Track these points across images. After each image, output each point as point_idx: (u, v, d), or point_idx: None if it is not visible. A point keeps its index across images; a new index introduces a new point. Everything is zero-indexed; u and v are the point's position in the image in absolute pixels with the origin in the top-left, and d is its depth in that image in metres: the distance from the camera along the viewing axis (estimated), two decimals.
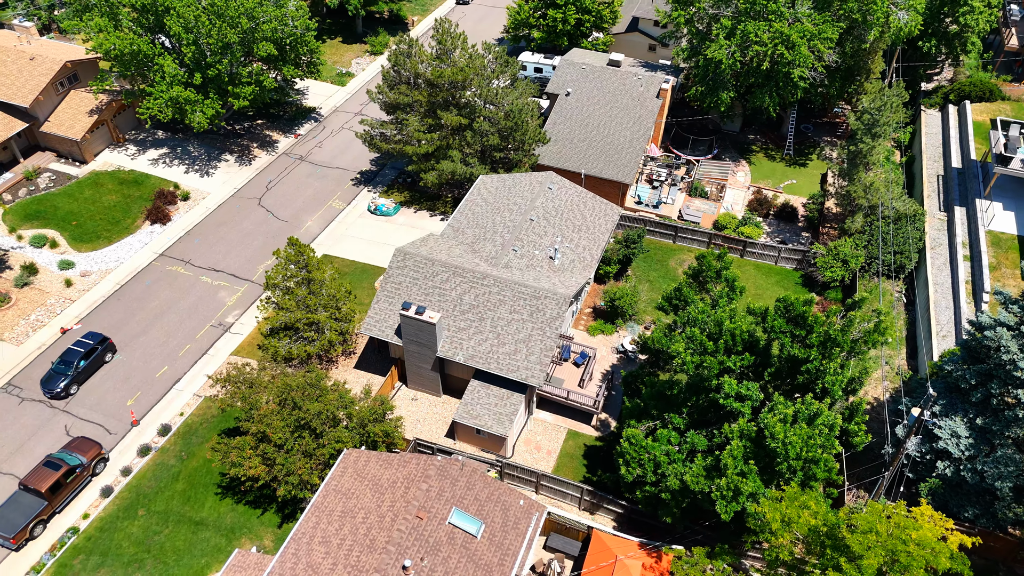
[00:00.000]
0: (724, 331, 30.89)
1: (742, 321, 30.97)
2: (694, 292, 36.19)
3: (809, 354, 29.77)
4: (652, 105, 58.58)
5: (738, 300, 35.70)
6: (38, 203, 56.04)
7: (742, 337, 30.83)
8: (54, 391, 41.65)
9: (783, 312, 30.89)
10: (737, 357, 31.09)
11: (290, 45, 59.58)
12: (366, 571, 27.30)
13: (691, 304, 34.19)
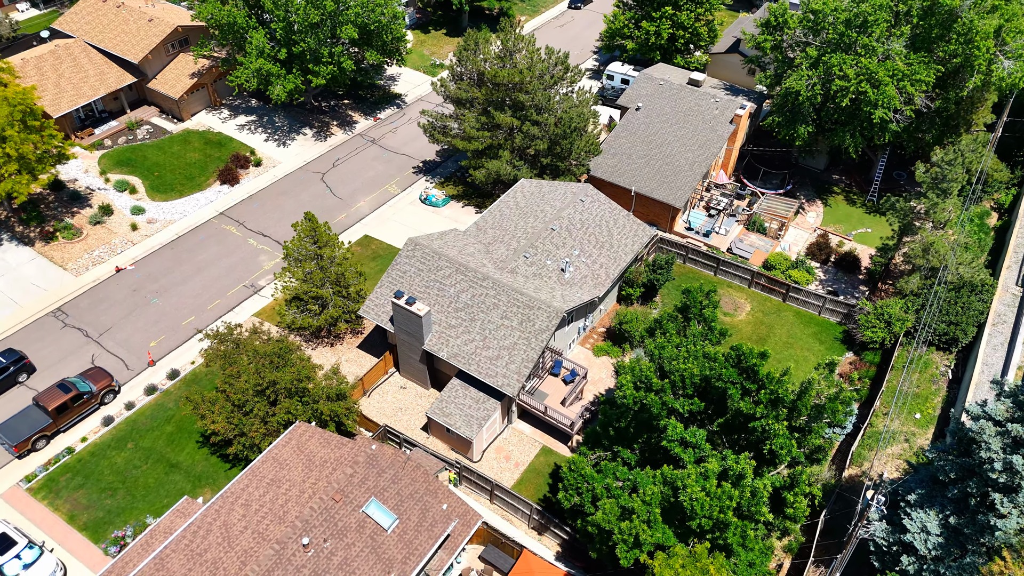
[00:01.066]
0: (673, 370, 29.27)
1: (693, 363, 29.19)
2: (675, 327, 34.47)
3: (755, 411, 27.67)
4: (723, 130, 56.11)
5: (714, 341, 33.61)
6: (131, 151, 61.24)
7: (692, 380, 29.08)
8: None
9: (734, 361, 28.85)
10: (685, 400, 29.39)
11: (375, 31, 61.64)
12: (268, 540, 28.13)
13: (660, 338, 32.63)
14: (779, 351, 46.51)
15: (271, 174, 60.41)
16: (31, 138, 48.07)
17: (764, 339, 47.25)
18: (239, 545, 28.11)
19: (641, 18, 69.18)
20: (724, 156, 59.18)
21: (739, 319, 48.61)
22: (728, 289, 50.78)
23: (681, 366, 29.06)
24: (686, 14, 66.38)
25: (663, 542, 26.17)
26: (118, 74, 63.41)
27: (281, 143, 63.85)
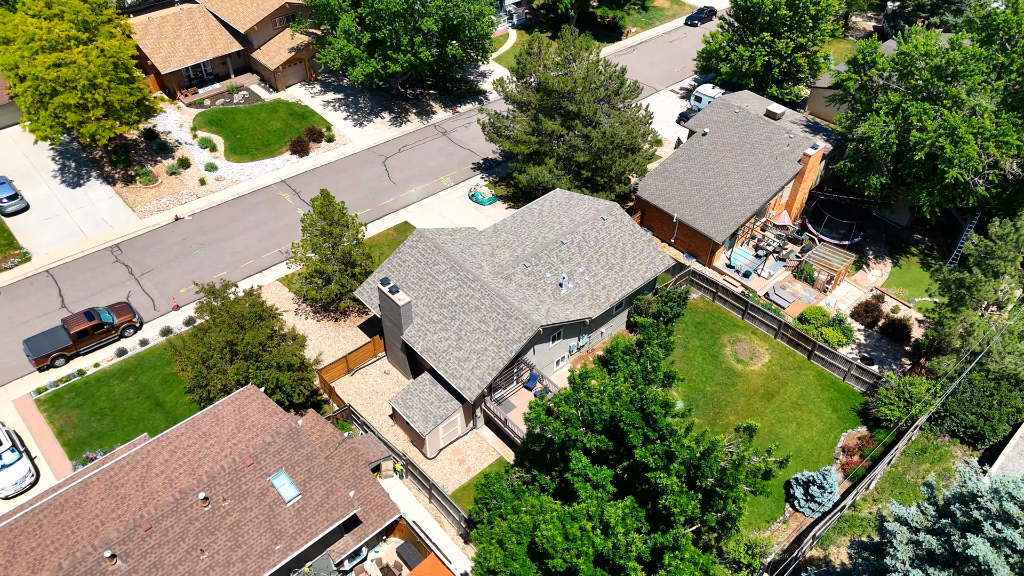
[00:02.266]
0: (584, 403, 28.04)
1: (605, 399, 27.78)
2: (625, 361, 32.88)
3: (649, 461, 25.99)
4: (789, 168, 52.73)
5: (657, 381, 31.66)
6: (223, 113, 66.00)
7: (601, 416, 27.71)
8: None
9: (637, 403, 27.18)
10: (593, 436, 28.08)
11: (458, 25, 62.76)
12: (174, 489, 29.75)
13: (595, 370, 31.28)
14: (784, 411, 43.27)
15: (339, 151, 63.10)
16: (120, 88, 52.92)
17: (772, 395, 44.11)
18: (149, 487, 29.93)
19: (738, 42, 66.09)
20: (790, 196, 55.52)
21: (751, 368, 45.62)
22: (751, 336, 47.74)
23: (590, 399, 27.77)
24: (784, 43, 62.70)
25: (518, 574, 25.22)
26: (227, 41, 68.42)
27: (358, 123, 66.49)
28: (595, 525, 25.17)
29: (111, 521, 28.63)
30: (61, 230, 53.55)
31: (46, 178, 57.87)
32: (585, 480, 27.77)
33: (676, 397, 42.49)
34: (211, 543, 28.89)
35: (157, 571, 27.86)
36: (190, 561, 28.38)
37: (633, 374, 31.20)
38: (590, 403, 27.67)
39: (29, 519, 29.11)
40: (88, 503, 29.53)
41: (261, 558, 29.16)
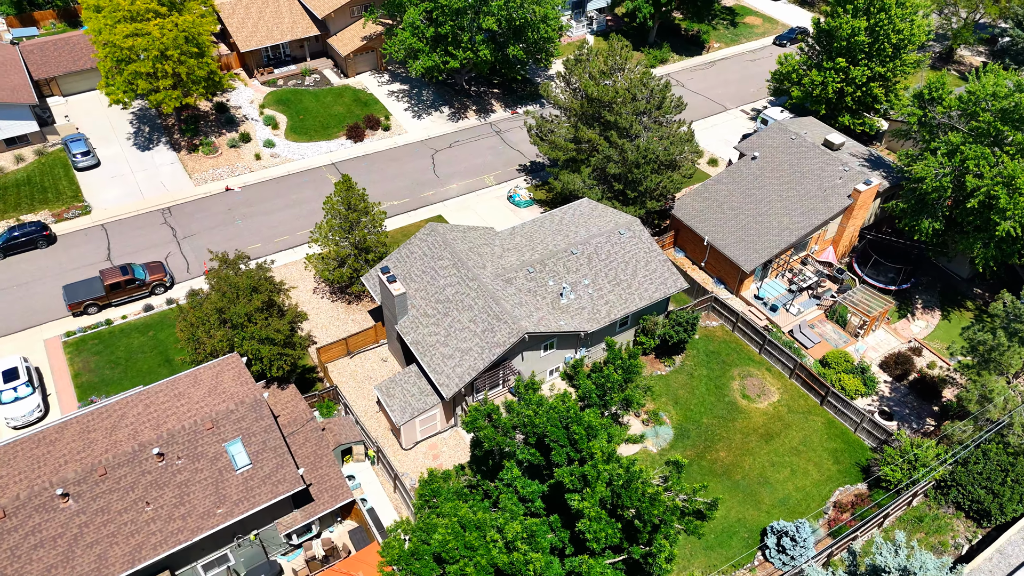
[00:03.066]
0: (517, 412, 27.61)
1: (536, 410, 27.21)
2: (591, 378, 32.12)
3: (566, 482, 25.30)
4: (836, 202, 50.07)
5: (613, 404, 30.69)
6: (292, 94, 68.79)
7: (533, 428, 27.20)
8: None
9: (564, 421, 26.41)
10: (525, 448, 27.63)
11: (520, 26, 62.89)
12: (136, 441, 31.38)
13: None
14: (781, 455, 41.12)
15: (392, 140, 64.55)
16: (189, 62, 56.09)
17: (772, 436, 42.00)
18: (116, 436, 31.71)
19: (813, 65, 63.08)
20: (837, 232, 52.59)
21: (756, 406, 43.58)
22: (765, 372, 45.59)
23: (524, 410, 27.27)
24: (860, 71, 59.35)
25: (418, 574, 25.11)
26: (306, 25, 71.26)
27: (417, 115, 67.77)
28: (502, 538, 24.77)
29: (74, 462, 30.52)
30: (123, 188, 57.34)
31: (120, 139, 62.06)
32: (513, 491, 27.39)
33: (664, 420, 41.31)
34: (157, 497, 30.32)
35: (103, 515, 29.51)
36: (135, 511, 29.89)
37: (588, 393, 30.48)
38: (524, 414, 27.24)
39: (7, 449, 31.43)
40: (61, 443, 31.58)
41: (201, 518, 30.37)
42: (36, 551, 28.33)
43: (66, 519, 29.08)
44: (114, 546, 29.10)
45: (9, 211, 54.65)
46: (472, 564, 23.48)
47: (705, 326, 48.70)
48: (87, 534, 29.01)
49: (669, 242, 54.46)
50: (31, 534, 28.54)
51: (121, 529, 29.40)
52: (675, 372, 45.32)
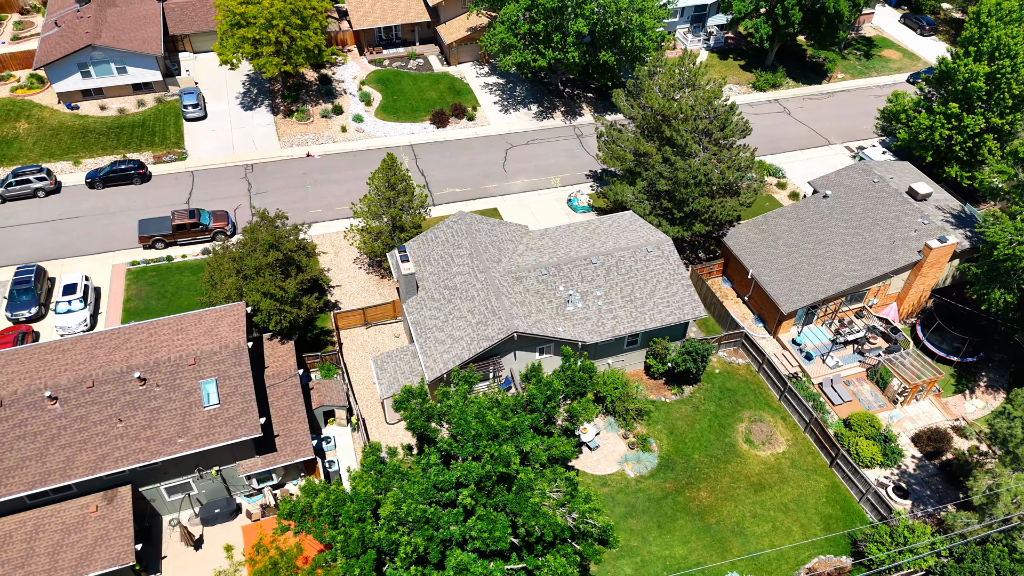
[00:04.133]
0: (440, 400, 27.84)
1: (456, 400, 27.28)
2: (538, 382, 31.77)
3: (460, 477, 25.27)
4: (903, 256, 46.33)
5: (539, 414, 30.11)
6: (393, 75, 71.82)
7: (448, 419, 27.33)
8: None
9: (470, 416, 26.23)
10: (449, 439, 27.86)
11: (614, 33, 62.27)
12: (125, 363, 34.43)
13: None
14: (767, 508, 38.71)
15: (473, 130, 65.94)
16: (293, 32, 60.04)
17: (764, 487, 39.61)
18: (114, 356, 34.96)
19: (924, 108, 58.19)
20: (903, 289, 48.46)
21: (758, 453, 41.21)
22: (778, 421, 42.98)
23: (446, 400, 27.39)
24: (975, 119, 54.13)
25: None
26: (419, 11, 74.08)
27: (504, 109, 68.78)
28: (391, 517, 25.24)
29: (71, 372, 34.00)
30: (218, 141, 62.35)
31: (230, 97, 67.41)
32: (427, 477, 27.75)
33: (652, 447, 40.00)
34: (131, 417, 33.18)
35: (80, 423, 32.71)
36: (108, 424, 32.89)
37: (532, 397, 30.23)
38: (446, 404, 27.50)
39: (29, 351, 35.47)
40: (70, 353, 35.24)
41: (163, 444, 32.92)
42: (18, 442, 31.89)
43: (49, 420, 32.50)
44: (83, 452, 32.20)
45: (120, 148, 60.91)
46: (342, 533, 24.15)
47: (731, 362, 46.49)
48: (62, 436, 32.28)
49: (717, 270, 52.28)
50: (18, 426, 32.15)
51: (92, 438, 32.47)
52: (681, 402, 43.64)
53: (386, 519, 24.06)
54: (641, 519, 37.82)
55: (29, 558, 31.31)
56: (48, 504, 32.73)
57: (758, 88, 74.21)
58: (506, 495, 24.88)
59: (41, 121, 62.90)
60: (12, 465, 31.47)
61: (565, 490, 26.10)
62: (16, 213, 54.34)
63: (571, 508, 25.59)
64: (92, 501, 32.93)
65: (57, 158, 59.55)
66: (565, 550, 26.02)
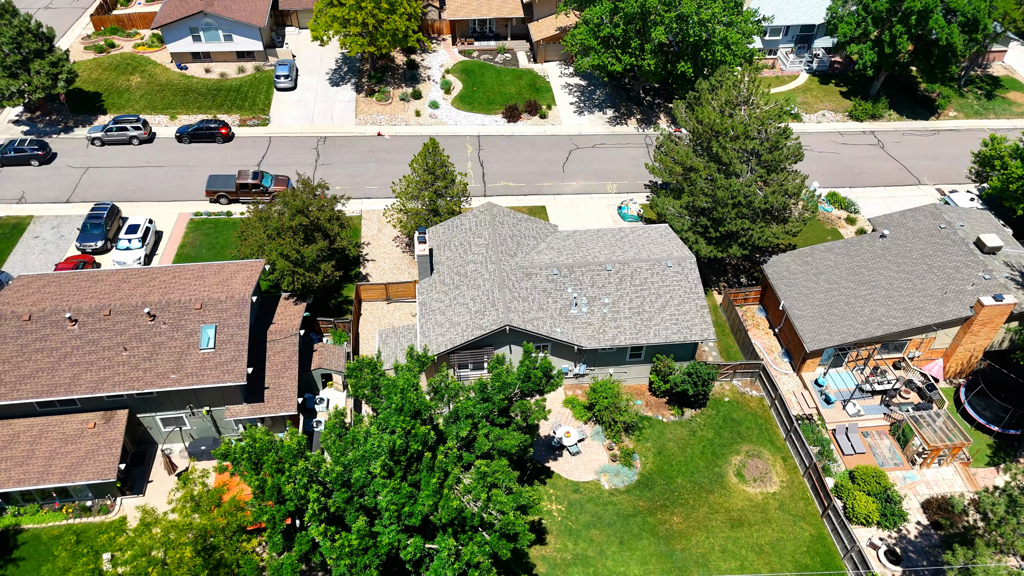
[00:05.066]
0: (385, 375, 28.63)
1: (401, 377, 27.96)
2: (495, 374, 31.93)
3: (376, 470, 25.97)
4: (954, 311, 43.17)
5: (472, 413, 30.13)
6: (479, 66, 73.37)
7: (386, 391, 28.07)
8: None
9: (399, 405, 26.73)
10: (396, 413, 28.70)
11: (695, 45, 60.92)
12: (143, 299, 37.48)
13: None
14: (739, 546, 37.15)
15: (542, 128, 66.42)
16: (379, 15, 62.64)
17: (742, 524, 38.01)
18: (136, 291, 38.09)
19: (1020, 155, 53.49)
20: (951, 346, 44.92)
21: (745, 489, 39.55)
22: (777, 461, 41.07)
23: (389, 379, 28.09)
24: None
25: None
26: (514, 6, 75.29)
27: (579, 111, 68.79)
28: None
29: (96, 299, 37.41)
30: (300, 112, 66.02)
31: (321, 73, 71.12)
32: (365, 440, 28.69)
33: (634, 463, 39.30)
34: (135, 347, 36.15)
35: (91, 345, 35.98)
36: (114, 351, 35.98)
37: (484, 385, 30.60)
38: (389, 379, 28.32)
39: (69, 276, 39.35)
40: (102, 282, 38.80)
41: (157, 377, 35.65)
42: (36, 354, 35.51)
43: (66, 339, 35.96)
44: (88, 372, 35.43)
45: (213, 108, 65.72)
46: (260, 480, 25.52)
47: (744, 393, 44.74)
48: (73, 355, 35.63)
49: (754, 297, 50.29)
50: (39, 340, 35.79)
51: (98, 361, 35.65)
52: (678, 424, 42.48)
53: (297, 473, 25.21)
54: (604, 531, 37.24)
55: (28, 459, 34.86)
56: (55, 414, 36.24)
57: (854, 117, 70.37)
58: (419, 473, 25.42)
59: (152, 77, 68.78)
60: (27, 373, 35.08)
61: (478, 477, 26.19)
62: (110, 156, 59.88)
63: (476, 495, 25.73)
64: (92, 419, 36.16)
65: (157, 111, 64.97)
66: (478, 539, 26.25)
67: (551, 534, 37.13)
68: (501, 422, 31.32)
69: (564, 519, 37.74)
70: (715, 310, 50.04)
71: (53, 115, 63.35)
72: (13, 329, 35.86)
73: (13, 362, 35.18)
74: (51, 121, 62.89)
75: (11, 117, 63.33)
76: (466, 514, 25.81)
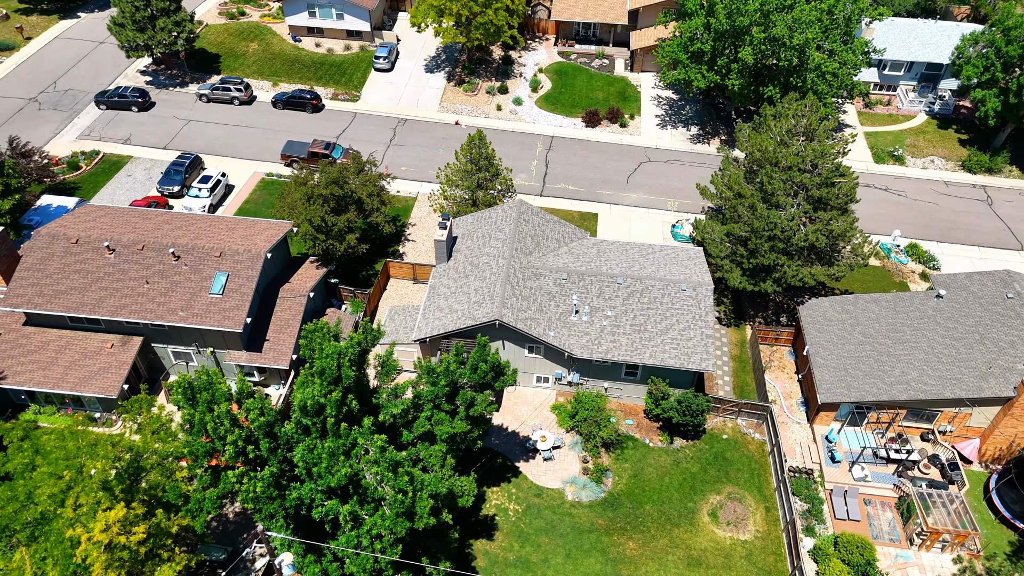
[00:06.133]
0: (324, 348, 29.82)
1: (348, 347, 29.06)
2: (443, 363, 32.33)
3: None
4: (993, 387, 39.50)
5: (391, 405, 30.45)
6: (573, 68, 73.55)
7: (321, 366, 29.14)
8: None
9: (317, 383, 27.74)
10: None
11: (784, 68, 58.28)
12: (173, 240, 40.94)
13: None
14: None
15: (619, 137, 65.74)
16: (474, 8, 64.24)
17: (700, 565, 36.46)
18: (172, 233, 41.57)
19: None
20: (989, 427, 40.80)
21: (715, 530, 37.84)
22: (760, 510, 38.98)
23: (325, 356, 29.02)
24: None
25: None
26: (620, 13, 74.87)
27: (662, 124, 67.51)
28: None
29: (136, 234, 41.24)
30: (390, 93, 68.97)
31: (419, 58, 73.85)
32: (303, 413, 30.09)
33: (605, 481, 38.71)
34: (156, 282, 39.57)
35: (121, 274, 39.73)
36: (137, 283, 39.56)
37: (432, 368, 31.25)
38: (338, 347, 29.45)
39: (125, 212, 43.62)
40: (149, 221, 42.73)
41: (168, 312, 38.84)
42: (74, 274, 39.70)
43: (100, 264, 39.94)
44: (112, 297, 39.20)
45: (312, 80, 69.94)
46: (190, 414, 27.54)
47: (746, 434, 42.67)
48: (103, 280, 39.52)
49: (786, 337, 47.67)
50: (79, 261, 39.97)
51: (122, 289, 39.35)
52: (664, 451, 41.17)
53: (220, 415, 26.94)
54: (555, 541, 36.84)
55: (51, 365, 39.10)
56: (82, 331, 40.38)
57: (967, 168, 64.75)
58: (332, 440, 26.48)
59: (268, 46, 74.10)
60: (63, 289, 39.32)
61: (376, 449, 26.71)
62: (211, 113, 65.22)
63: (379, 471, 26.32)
64: (111, 340, 40.00)
65: (264, 77, 69.96)
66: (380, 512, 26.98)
67: (501, 532, 37.21)
68: (446, 408, 31.81)
69: (518, 520, 37.67)
70: (742, 344, 47.87)
71: (173, 70, 69.72)
72: (61, 249, 40.26)
73: (55, 277, 39.51)
74: (171, 75, 69.25)
75: (139, 67, 70.28)
76: (365, 484, 26.57)
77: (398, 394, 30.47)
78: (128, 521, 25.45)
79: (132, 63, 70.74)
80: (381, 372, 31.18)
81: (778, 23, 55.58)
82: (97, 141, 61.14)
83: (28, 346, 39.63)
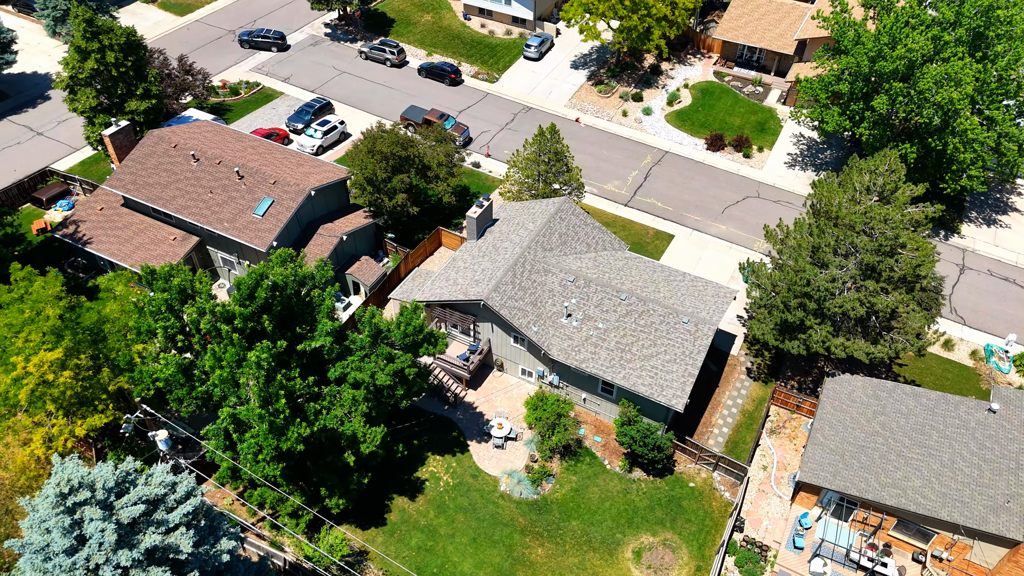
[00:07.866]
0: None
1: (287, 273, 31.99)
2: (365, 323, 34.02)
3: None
4: (1001, 523, 34.21)
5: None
6: (720, 89, 70.84)
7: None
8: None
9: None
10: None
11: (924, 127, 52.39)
12: (245, 164, 46.49)
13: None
14: None
15: (735, 166, 62.72)
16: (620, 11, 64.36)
17: None
18: (251, 156, 47.17)
19: None
20: (996, 568, 34.97)
21: (631, 568, 36.36)
22: (693, 567, 36.73)
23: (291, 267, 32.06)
24: None
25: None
26: (787, 42, 70.88)
27: (792, 164, 63.36)
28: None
29: (220, 150, 47.31)
30: (527, 81, 71.20)
31: (571, 53, 75.17)
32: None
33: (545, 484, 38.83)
34: (217, 194, 45.27)
35: (198, 180, 45.90)
36: (205, 190, 45.48)
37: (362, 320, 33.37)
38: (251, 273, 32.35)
39: (226, 132, 50.16)
40: (241, 142, 48.79)
41: (217, 220, 44.29)
42: (163, 172, 46.55)
43: (184, 169, 46.46)
44: (181, 197, 45.54)
45: (463, 56, 74.08)
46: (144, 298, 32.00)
47: (716, 489, 40.07)
48: (180, 182, 45.99)
49: (808, 408, 43.62)
50: (170, 163, 46.80)
51: (191, 192, 45.54)
52: (617, 476, 39.89)
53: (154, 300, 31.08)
54: (469, 523, 37.45)
55: (126, 243, 46.33)
56: (159, 220, 47.27)
57: None
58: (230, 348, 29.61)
59: (439, 19, 79.42)
60: (151, 182, 46.37)
61: (256, 366, 29.01)
62: (364, 69, 71.59)
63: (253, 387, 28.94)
64: (176, 234, 46.49)
65: (423, 47, 75.27)
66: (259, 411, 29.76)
67: (425, 497, 38.51)
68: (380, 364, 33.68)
69: (445, 492, 38.70)
70: (760, 403, 44.51)
71: (351, 27, 77.21)
72: (162, 150, 47.40)
73: (149, 172, 46.70)
74: (347, 31, 76.77)
75: (325, 20, 78.65)
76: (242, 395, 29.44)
77: (332, 334, 32.86)
78: (61, 364, 30.38)
79: (320, 15, 79.25)
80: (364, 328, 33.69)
81: (927, 75, 49.95)
82: (263, 76, 69.73)
83: (118, 223, 47.25)
